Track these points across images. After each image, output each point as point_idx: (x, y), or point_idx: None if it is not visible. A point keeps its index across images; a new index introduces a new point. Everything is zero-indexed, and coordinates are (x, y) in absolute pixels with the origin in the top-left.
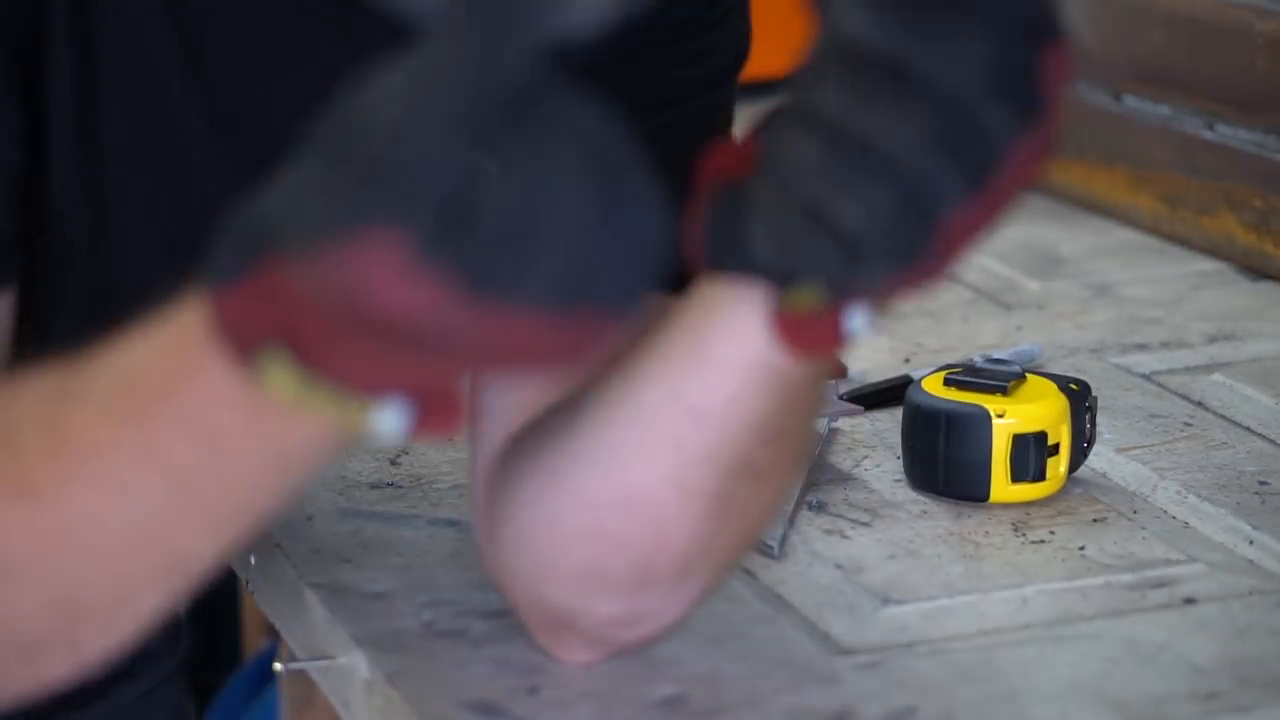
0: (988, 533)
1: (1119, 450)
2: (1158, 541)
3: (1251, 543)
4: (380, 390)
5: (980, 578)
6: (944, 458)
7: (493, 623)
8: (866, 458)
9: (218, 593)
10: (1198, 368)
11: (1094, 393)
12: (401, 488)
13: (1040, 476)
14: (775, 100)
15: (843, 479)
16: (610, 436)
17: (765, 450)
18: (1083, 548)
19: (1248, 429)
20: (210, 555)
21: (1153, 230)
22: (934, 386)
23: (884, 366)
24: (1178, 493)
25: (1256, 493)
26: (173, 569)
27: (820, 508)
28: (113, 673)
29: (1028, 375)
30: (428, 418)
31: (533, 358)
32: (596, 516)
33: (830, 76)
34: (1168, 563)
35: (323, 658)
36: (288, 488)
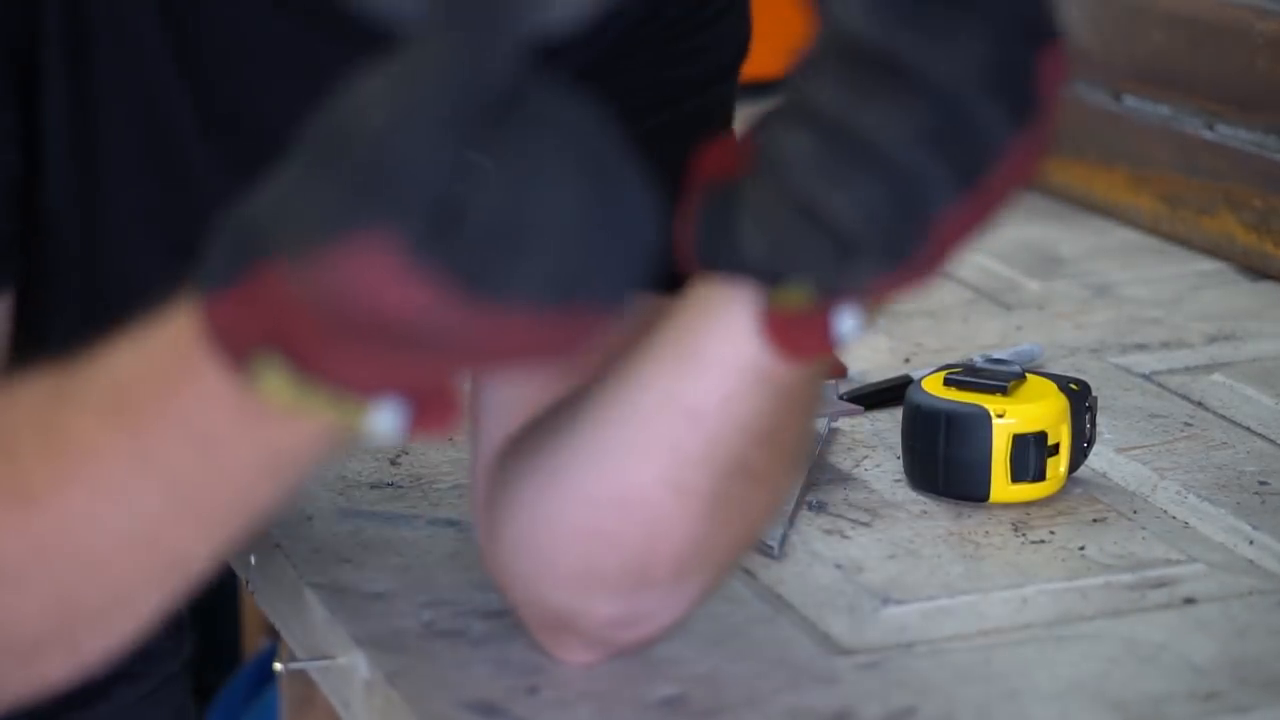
0: (988, 533)
1: (1119, 450)
2: (1158, 541)
3: (1251, 543)
4: (375, 391)
5: (980, 578)
6: (944, 458)
7: (493, 623)
8: (866, 458)
9: (218, 593)
10: (1198, 368)
11: (1094, 393)
12: (401, 488)
13: (1040, 476)
14: (773, 99)
15: (843, 479)
16: (606, 437)
17: (761, 451)
18: (1083, 548)
19: (1248, 429)
20: (207, 556)
21: (1153, 230)
22: (934, 386)
23: (884, 366)
24: (1178, 493)
25: (1256, 493)
26: (170, 570)
27: (820, 508)
28: (116, 673)
29: (1028, 375)
30: (424, 416)
31: (527, 355)
32: (594, 517)
33: (827, 71)
34: (1168, 563)
35: (323, 658)
36: (284, 488)
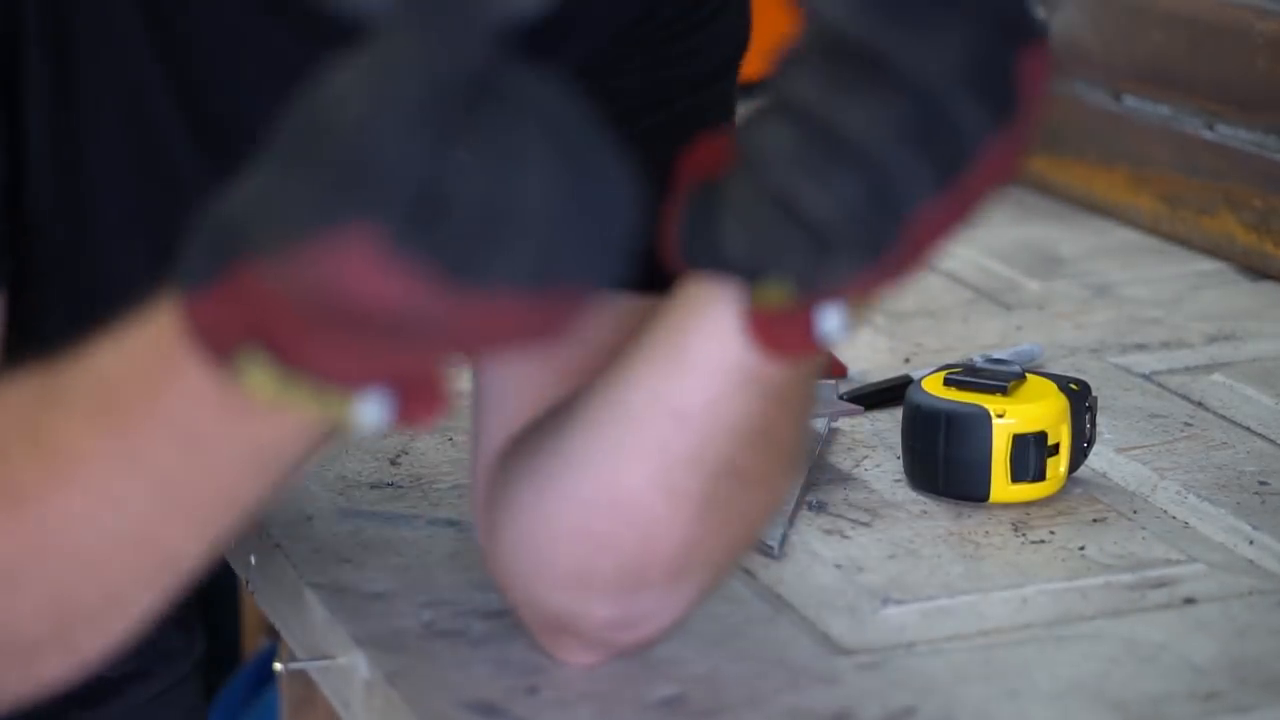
0: (988, 533)
1: (1119, 450)
2: (1158, 541)
3: (1251, 543)
4: (360, 382)
5: (980, 578)
6: (944, 458)
7: (493, 623)
8: (866, 458)
9: (218, 593)
10: (1198, 368)
11: (1094, 393)
12: (401, 488)
13: (1040, 476)
14: (758, 100)
15: (843, 479)
16: (597, 439)
17: (752, 452)
18: (1083, 548)
19: (1248, 429)
20: (199, 553)
21: (1153, 230)
22: (934, 386)
23: (884, 366)
24: (1178, 493)
25: (1256, 493)
26: (162, 568)
27: (820, 508)
28: (127, 672)
29: (1028, 375)
30: (409, 406)
31: (511, 340)
32: (588, 519)
33: (809, 66)
34: (1168, 563)
35: (323, 658)
36: (272, 484)
